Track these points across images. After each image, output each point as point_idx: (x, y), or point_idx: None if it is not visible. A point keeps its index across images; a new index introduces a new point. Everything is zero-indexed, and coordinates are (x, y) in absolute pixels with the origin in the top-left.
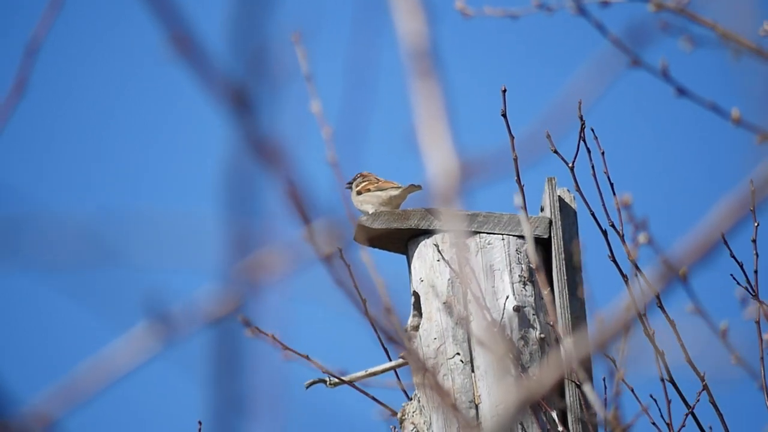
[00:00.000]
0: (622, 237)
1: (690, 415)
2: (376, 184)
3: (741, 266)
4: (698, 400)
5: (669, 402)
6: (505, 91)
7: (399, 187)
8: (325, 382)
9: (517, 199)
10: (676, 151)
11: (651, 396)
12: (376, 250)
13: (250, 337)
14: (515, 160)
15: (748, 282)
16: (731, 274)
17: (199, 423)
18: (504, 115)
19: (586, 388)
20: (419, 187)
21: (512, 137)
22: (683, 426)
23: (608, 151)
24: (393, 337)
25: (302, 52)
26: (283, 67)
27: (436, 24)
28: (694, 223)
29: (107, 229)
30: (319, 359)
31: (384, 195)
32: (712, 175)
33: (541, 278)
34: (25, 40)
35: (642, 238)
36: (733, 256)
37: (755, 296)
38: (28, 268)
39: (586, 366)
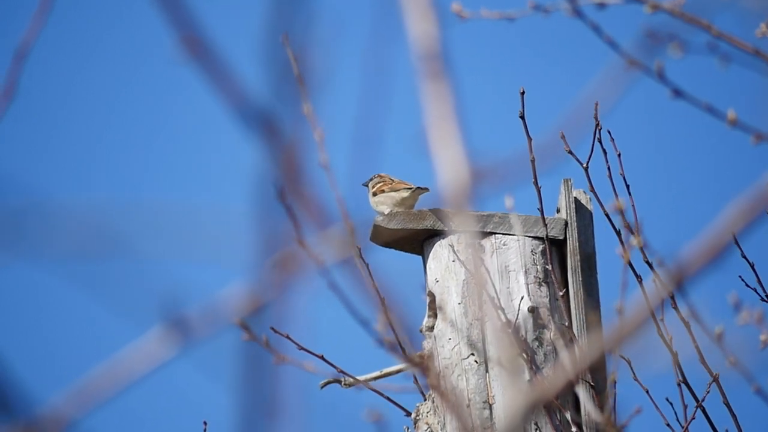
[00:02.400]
0: (637, 237)
1: (705, 418)
2: (390, 185)
3: (752, 266)
4: (704, 397)
5: (685, 407)
6: (523, 93)
7: (409, 188)
8: (339, 382)
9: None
10: (682, 151)
11: (667, 399)
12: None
13: (246, 341)
14: (533, 162)
15: (759, 282)
16: (740, 276)
17: (204, 423)
18: (522, 117)
19: (581, 391)
20: (426, 189)
21: (530, 139)
22: (691, 424)
23: (622, 153)
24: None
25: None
26: (312, 76)
27: (447, 26)
28: (706, 223)
29: (122, 221)
30: (327, 360)
31: (397, 196)
32: (721, 174)
33: (556, 279)
34: (16, 45)
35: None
36: (744, 257)
37: (764, 298)
38: (42, 260)
39: (600, 367)
